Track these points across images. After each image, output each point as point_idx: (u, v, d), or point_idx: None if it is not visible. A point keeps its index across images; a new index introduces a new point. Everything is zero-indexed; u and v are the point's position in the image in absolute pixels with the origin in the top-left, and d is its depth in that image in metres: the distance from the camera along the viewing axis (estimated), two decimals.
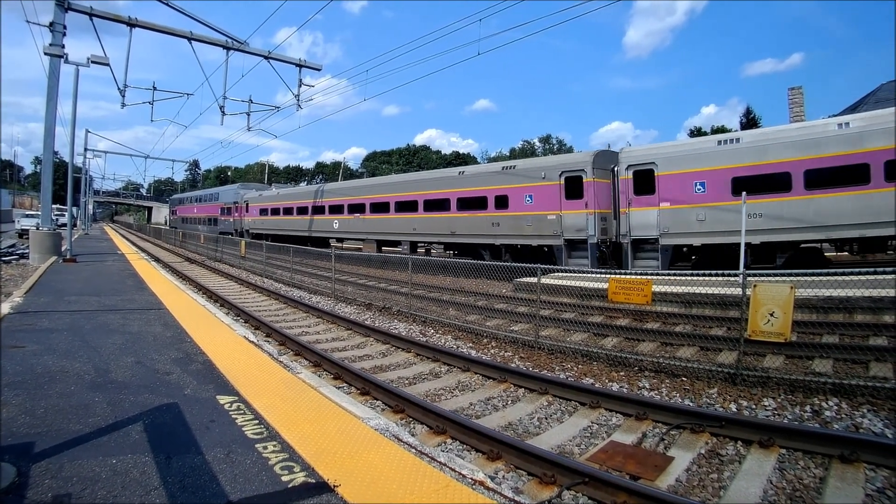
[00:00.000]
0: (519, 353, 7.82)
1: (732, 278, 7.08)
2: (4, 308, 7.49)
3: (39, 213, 18.26)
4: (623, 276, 7.73)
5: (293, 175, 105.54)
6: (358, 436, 3.52)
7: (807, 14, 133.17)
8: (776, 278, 6.65)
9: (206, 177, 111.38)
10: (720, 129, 58.23)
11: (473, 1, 15.89)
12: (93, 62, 16.66)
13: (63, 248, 17.44)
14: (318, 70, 20.64)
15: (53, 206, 16.92)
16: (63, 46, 15.56)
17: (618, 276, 7.65)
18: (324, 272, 16.72)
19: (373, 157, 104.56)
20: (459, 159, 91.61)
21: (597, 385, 6.22)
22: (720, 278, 9.73)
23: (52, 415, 3.60)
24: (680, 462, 4.24)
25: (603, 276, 8.06)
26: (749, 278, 6.25)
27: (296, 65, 19.61)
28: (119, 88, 17.76)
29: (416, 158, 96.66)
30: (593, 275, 8.10)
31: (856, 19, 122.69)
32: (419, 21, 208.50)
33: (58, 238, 16.97)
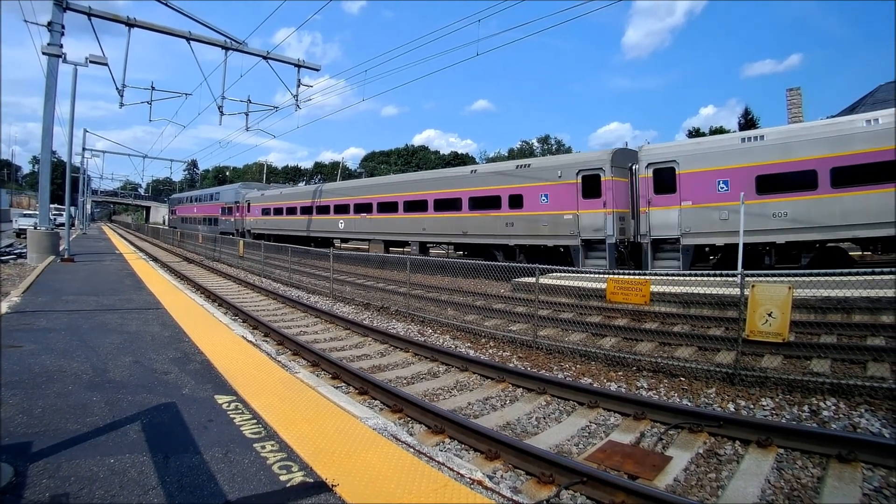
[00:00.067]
0: (517, 352, 7.83)
1: (730, 278, 7.09)
2: (2, 307, 7.47)
3: (37, 212, 18.21)
4: (621, 276, 7.74)
5: (291, 175, 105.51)
6: (356, 435, 3.52)
7: (806, 14, 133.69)
8: (774, 279, 6.66)
9: (204, 177, 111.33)
10: (719, 130, 58.34)
11: (472, 1, 15.92)
12: (91, 62, 16.66)
13: (61, 248, 17.41)
14: (317, 70, 20.64)
15: (51, 205, 16.91)
16: (61, 46, 15.55)
17: (616, 277, 7.66)
18: (322, 272, 16.71)
19: (371, 157, 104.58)
20: (458, 159, 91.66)
21: (595, 385, 6.23)
22: (718, 278, 9.77)
23: (50, 414, 3.59)
24: (678, 462, 4.25)
25: (601, 276, 8.07)
26: (747, 279, 6.26)
27: (294, 65, 19.59)
28: (117, 88, 17.75)
29: (415, 159, 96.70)
30: (591, 275, 8.09)
31: (855, 19, 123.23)
32: (418, 21, 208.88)
33: (55, 237, 16.95)
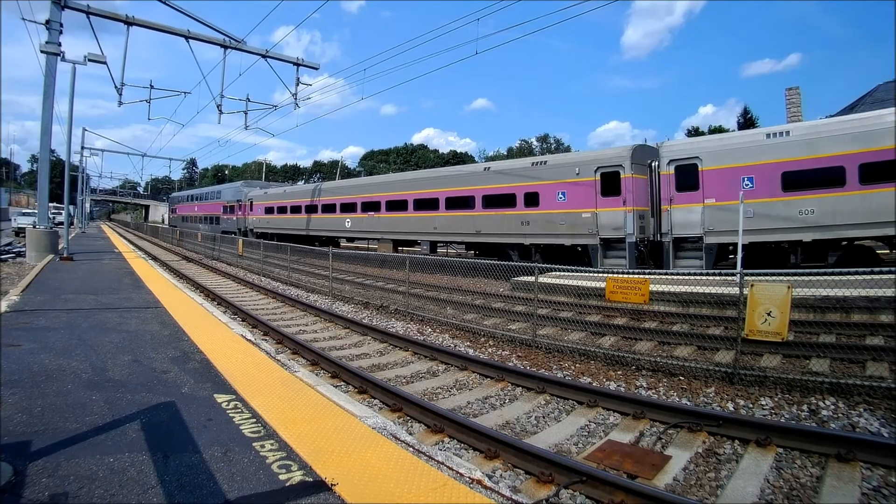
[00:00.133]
0: (516, 351, 7.83)
1: (730, 278, 7.10)
2: (2, 306, 7.46)
3: (36, 211, 18.18)
4: (621, 275, 7.74)
5: (290, 174, 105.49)
6: (355, 434, 3.52)
7: (805, 14, 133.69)
8: (773, 278, 6.67)
9: (203, 175, 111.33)
10: (718, 130, 58.39)
11: (471, 0, 15.85)
12: (90, 60, 16.66)
13: (60, 247, 17.39)
14: (316, 69, 20.61)
15: (50, 204, 16.89)
16: (60, 44, 15.50)
17: (615, 276, 7.67)
18: (321, 270, 16.71)
19: (370, 155, 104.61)
20: (457, 158, 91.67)
21: (594, 384, 6.23)
22: (717, 278, 9.78)
23: (49, 413, 3.58)
24: (677, 461, 4.25)
25: (600, 275, 8.07)
26: (746, 278, 6.26)
27: (293, 63, 19.55)
28: (116, 87, 17.67)
29: (414, 157, 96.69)
30: (590, 274, 8.10)
31: (854, 19, 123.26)
32: (417, 20, 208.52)
33: (54, 236, 16.92)
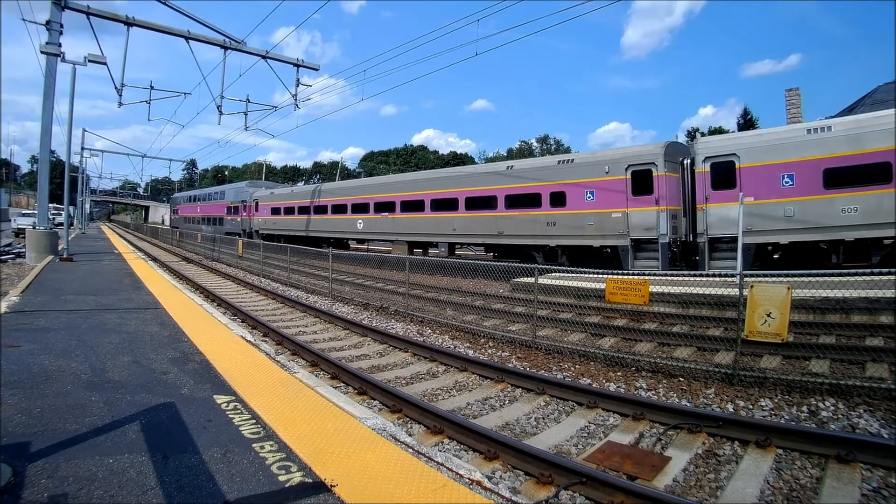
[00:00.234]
0: (516, 353, 7.83)
1: (729, 279, 7.10)
2: (1, 307, 7.46)
3: (36, 211, 18.18)
4: (620, 276, 7.74)
5: (290, 175, 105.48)
6: (355, 435, 3.52)
7: (805, 14, 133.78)
8: (773, 279, 6.67)
9: (203, 176, 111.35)
10: (718, 130, 58.43)
11: (471, 1, 15.88)
12: (90, 61, 16.66)
13: (60, 247, 17.39)
14: (316, 70, 20.60)
15: (50, 205, 16.89)
16: (60, 45, 15.50)
17: (615, 277, 7.67)
18: (321, 272, 16.71)
19: (370, 156, 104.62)
20: (457, 159, 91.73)
21: (594, 385, 6.23)
22: (717, 279, 9.78)
23: (49, 414, 3.58)
24: (677, 462, 4.25)
25: (600, 276, 8.06)
26: (746, 279, 6.27)
27: (293, 64, 19.55)
28: (116, 87, 17.67)
29: (414, 158, 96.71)
30: (590, 275, 8.09)
31: (854, 19, 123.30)
32: (417, 21, 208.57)
33: (54, 237, 16.91)
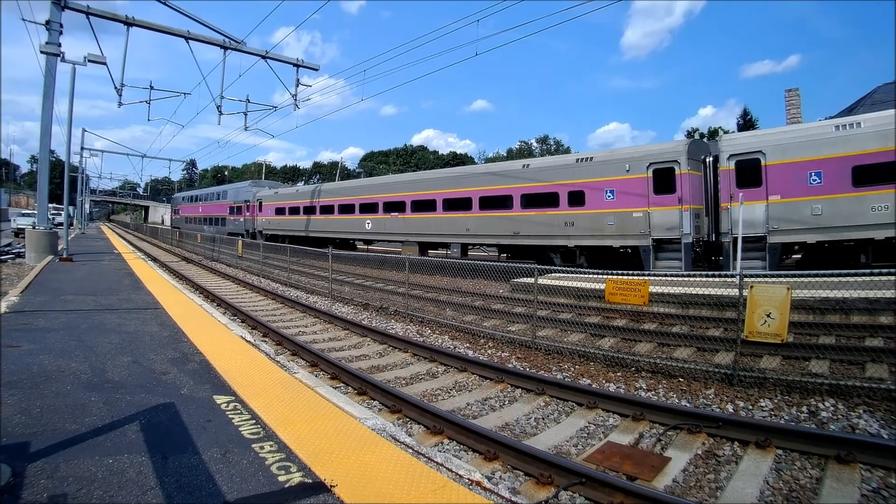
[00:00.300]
0: (516, 353, 7.83)
1: (729, 279, 7.10)
2: (1, 307, 7.46)
3: (36, 211, 18.18)
4: (620, 276, 7.74)
5: (290, 175, 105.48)
6: (355, 436, 3.52)
7: (805, 14, 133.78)
8: (773, 279, 6.68)
9: (202, 176, 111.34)
10: (717, 131, 58.43)
11: (471, 1, 15.90)
12: (90, 61, 16.65)
13: (59, 247, 17.38)
14: (316, 70, 20.62)
15: (50, 204, 16.88)
16: (60, 45, 15.51)
17: (615, 277, 7.66)
18: (321, 272, 16.71)
19: (370, 157, 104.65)
20: (457, 160, 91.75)
21: (594, 386, 6.23)
22: (717, 279, 9.79)
23: (48, 414, 3.58)
24: (677, 462, 4.25)
25: (599, 276, 8.06)
26: (746, 279, 6.27)
27: (293, 65, 19.57)
28: (116, 87, 17.68)
29: (414, 159, 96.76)
30: (589, 275, 8.10)
31: (854, 19, 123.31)
32: (417, 21, 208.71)
33: (54, 237, 16.91)
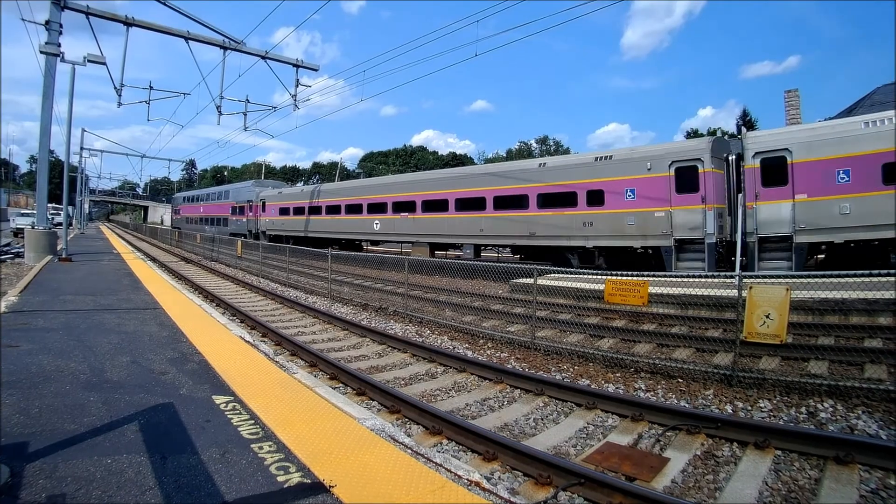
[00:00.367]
0: (515, 354, 7.83)
1: (728, 280, 7.11)
2: (0, 307, 7.46)
3: (35, 211, 18.16)
4: (619, 277, 7.75)
5: (290, 175, 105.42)
6: (354, 436, 3.52)
7: (805, 15, 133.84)
8: (772, 280, 6.68)
9: (202, 177, 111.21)
10: (716, 132, 58.51)
11: (471, 1, 15.93)
12: (89, 61, 16.65)
13: (58, 247, 17.37)
14: (316, 70, 20.63)
15: (49, 204, 16.86)
16: (59, 45, 15.51)
17: (614, 278, 7.67)
18: (320, 272, 16.71)
19: (369, 157, 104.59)
20: (456, 160, 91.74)
21: (593, 386, 6.23)
22: (716, 280, 9.79)
23: (47, 414, 3.58)
24: (676, 463, 4.25)
25: (598, 277, 8.07)
26: (745, 280, 6.27)
27: (293, 65, 19.57)
28: (116, 87, 17.69)
29: (413, 159, 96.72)
30: (588, 276, 8.10)
31: (854, 19, 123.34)
32: (417, 21, 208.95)
33: (53, 237, 16.90)
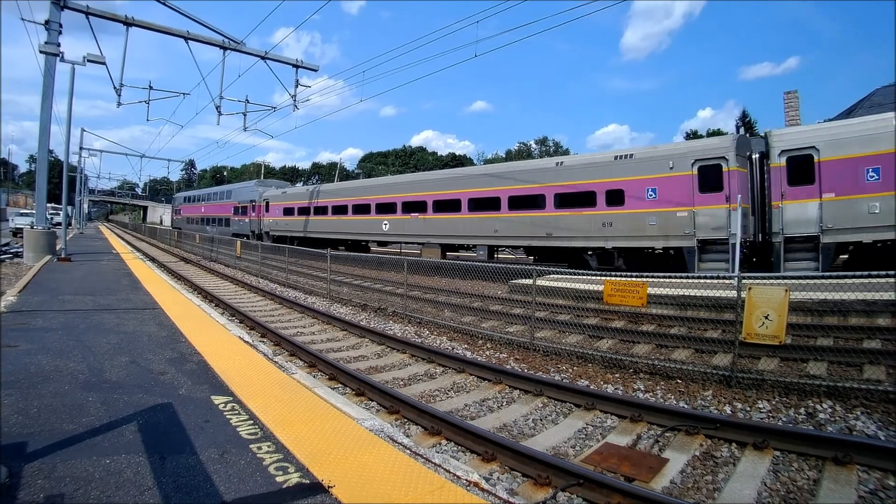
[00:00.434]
0: (514, 354, 7.83)
1: (727, 281, 7.11)
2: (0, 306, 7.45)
3: (34, 211, 18.15)
4: (618, 277, 7.76)
5: (289, 175, 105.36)
6: (353, 436, 3.52)
7: (805, 15, 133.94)
8: (771, 281, 6.69)
9: (201, 177, 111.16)
10: (717, 132, 58.57)
11: (471, 2, 15.94)
12: (89, 61, 16.63)
13: (58, 247, 17.35)
14: (315, 70, 20.61)
15: (48, 204, 16.85)
16: (59, 45, 15.50)
17: (613, 279, 7.68)
18: (319, 272, 16.70)
19: (369, 157, 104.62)
20: (456, 161, 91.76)
21: (592, 387, 6.23)
22: (715, 280, 9.80)
23: (46, 414, 3.57)
24: (675, 464, 4.25)
25: (598, 278, 8.07)
26: (744, 281, 6.28)
27: (293, 65, 19.57)
28: (115, 87, 17.67)
29: (413, 160, 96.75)
30: (587, 277, 8.10)
31: (854, 20, 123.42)
32: (417, 22, 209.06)
33: (52, 237, 16.88)
